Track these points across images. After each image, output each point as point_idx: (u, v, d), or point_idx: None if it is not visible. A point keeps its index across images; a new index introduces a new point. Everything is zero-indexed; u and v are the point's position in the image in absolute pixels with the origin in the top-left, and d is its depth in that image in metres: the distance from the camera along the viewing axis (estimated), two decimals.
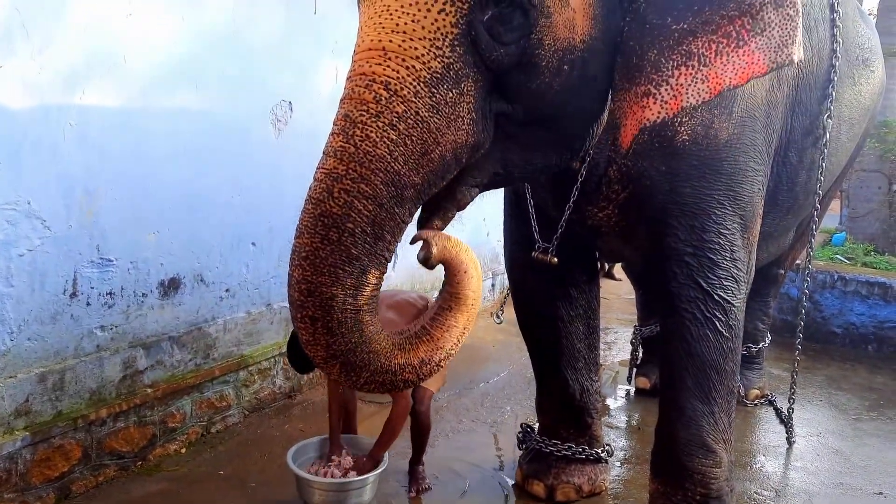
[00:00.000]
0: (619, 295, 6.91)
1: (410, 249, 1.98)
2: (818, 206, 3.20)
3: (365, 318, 1.80)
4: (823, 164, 3.00)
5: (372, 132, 1.72)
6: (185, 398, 3.50)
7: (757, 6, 1.92)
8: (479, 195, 2.09)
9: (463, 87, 1.78)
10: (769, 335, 4.61)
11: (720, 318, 2.51)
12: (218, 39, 3.41)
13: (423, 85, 1.74)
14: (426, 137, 1.76)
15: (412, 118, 1.74)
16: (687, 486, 2.62)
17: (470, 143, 1.85)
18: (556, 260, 2.74)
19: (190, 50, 3.29)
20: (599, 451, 3.23)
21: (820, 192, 3.11)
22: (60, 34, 2.78)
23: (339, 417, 3.11)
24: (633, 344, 4.59)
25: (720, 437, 2.62)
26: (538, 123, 1.99)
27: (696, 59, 1.95)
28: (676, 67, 1.96)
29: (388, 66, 1.74)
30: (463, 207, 2.04)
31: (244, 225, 3.72)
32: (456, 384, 4.37)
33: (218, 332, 3.66)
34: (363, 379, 1.86)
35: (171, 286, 3.37)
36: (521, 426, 3.40)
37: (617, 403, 4.46)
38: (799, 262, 4.89)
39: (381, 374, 1.85)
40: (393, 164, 1.74)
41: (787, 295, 5.71)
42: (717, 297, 2.50)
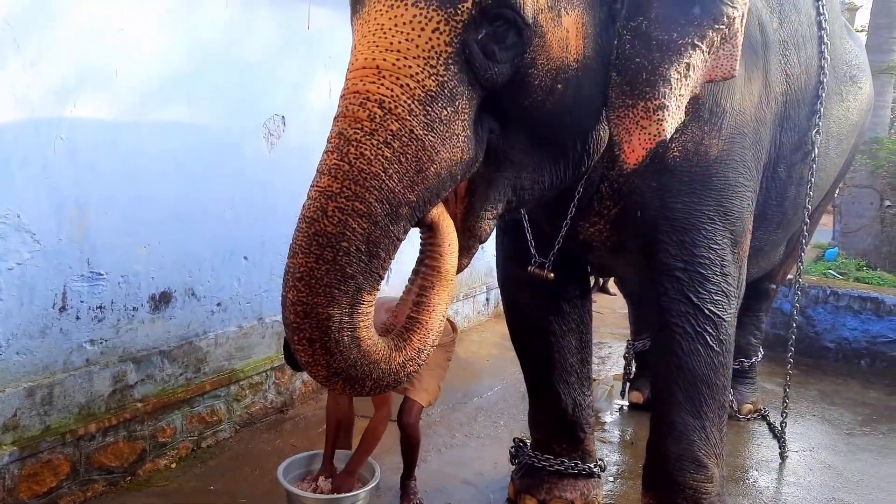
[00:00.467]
0: (612, 309, 6.91)
1: (405, 263, 1.97)
2: (807, 220, 3.22)
3: (362, 334, 1.79)
4: (812, 178, 3.03)
5: (366, 150, 1.72)
6: (175, 413, 3.48)
7: (735, 17, 2.01)
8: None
9: (458, 104, 1.79)
10: (762, 350, 4.62)
11: (711, 332, 2.52)
12: (211, 54, 3.42)
13: (417, 103, 1.74)
14: (421, 155, 1.76)
15: (407, 136, 1.73)
16: (678, 501, 2.61)
17: (465, 160, 1.85)
18: (552, 275, 2.74)
19: (182, 64, 3.30)
20: (592, 465, 3.22)
21: (809, 206, 3.13)
22: (52, 48, 2.79)
23: (335, 435, 3.09)
24: (626, 358, 4.58)
25: (711, 451, 2.62)
26: (538, 142, 2.01)
27: (692, 69, 2.00)
28: (679, 79, 2.00)
29: (382, 84, 1.74)
30: (485, 240, 2.06)
31: (236, 239, 3.71)
32: (449, 398, 4.35)
33: (209, 346, 3.64)
34: (368, 387, 1.85)
35: (162, 300, 3.36)
36: (513, 441, 3.39)
37: (610, 418, 4.45)
38: (791, 276, 4.91)
39: (384, 377, 1.85)
40: (388, 181, 1.73)
41: (779, 310, 5.71)
42: (707, 311, 2.51)
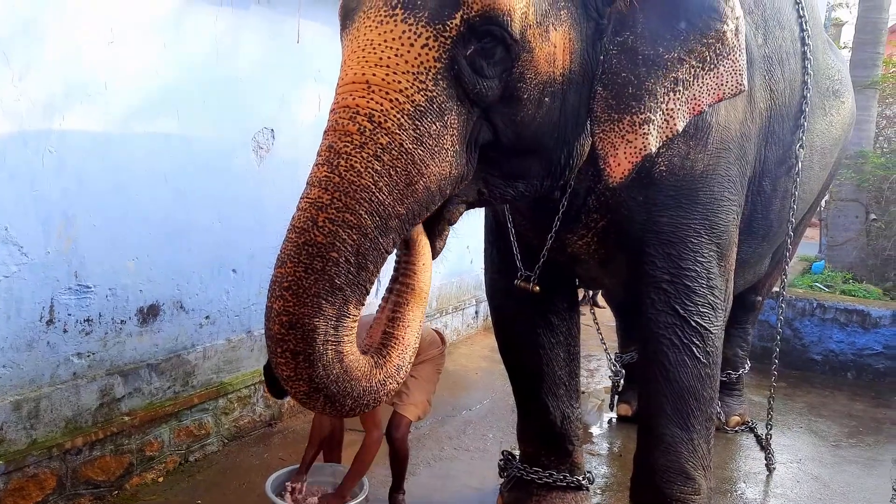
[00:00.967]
0: (601, 322, 6.91)
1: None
2: (791, 233, 3.24)
3: (345, 348, 1.78)
4: (797, 192, 3.05)
5: (356, 162, 1.73)
6: (163, 426, 3.46)
7: (727, 32, 2.02)
8: (463, 218, 2.12)
9: (446, 119, 1.81)
10: (749, 362, 4.64)
11: (697, 344, 2.53)
12: (200, 67, 3.44)
13: (406, 117, 1.75)
14: (410, 168, 1.77)
15: (396, 149, 1.75)
16: None
17: (454, 175, 1.88)
18: (538, 288, 2.75)
19: (171, 77, 3.31)
20: (580, 478, 3.22)
21: (793, 220, 3.16)
22: (40, 61, 2.80)
23: (318, 448, 3.09)
24: (613, 371, 4.58)
25: (699, 463, 2.63)
26: (520, 153, 2.03)
27: (681, 84, 2.02)
28: (667, 94, 2.02)
29: (371, 98, 1.75)
30: (454, 222, 2.06)
31: (225, 252, 3.71)
32: (438, 412, 4.35)
33: (197, 359, 3.63)
34: (348, 406, 1.84)
35: (150, 313, 3.36)
36: (502, 453, 3.39)
37: (599, 430, 4.46)
38: (777, 289, 4.94)
39: (365, 396, 1.84)
40: (377, 194, 1.74)
41: (766, 322, 5.74)
42: (693, 323, 2.52)
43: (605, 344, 4.14)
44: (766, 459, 3.89)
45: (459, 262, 5.90)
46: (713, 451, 2.73)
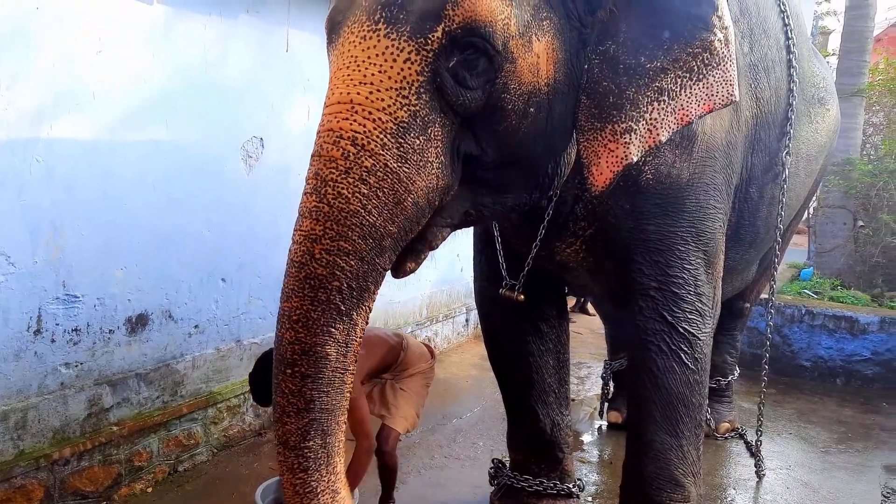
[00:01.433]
0: (591, 329, 6.93)
1: (385, 285, 1.98)
2: (779, 240, 3.26)
3: (348, 379, 1.86)
4: (783, 199, 3.07)
5: (343, 189, 1.75)
6: (151, 436, 3.44)
7: (715, 42, 2.01)
8: (451, 234, 2.13)
9: (430, 132, 1.83)
10: (737, 368, 4.65)
11: (685, 350, 2.53)
12: (189, 75, 3.44)
13: (389, 136, 1.77)
14: (397, 187, 1.79)
15: (381, 170, 1.77)
16: None
17: (441, 186, 1.89)
18: (522, 297, 2.76)
19: (160, 86, 3.31)
20: (570, 486, 3.22)
21: (781, 226, 3.18)
22: (28, 70, 2.79)
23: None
24: (603, 378, 4.60)
25: (689, 470, 2.62)
26: (507, 164, 2.04)
27: (666, 94, 2.02)
28: (650, 103, 2.02)
29: (354, 120, 1.77)
30: (435, 247, 2.07)
31: (214, 261, 3.71)
32: (428, 420, 4.34)
33: (186, 368, 3.62)
34: (319, 435, 1.87)
35: (138, 322, 3.34)
36: (492, 461, 3.39)
37: (589, 438, 4.46)
38: (765, 295, 4.96)
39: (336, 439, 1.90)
40: (368, 217, 1.77)
41: (756, 329, 5.77)
42: (681, 329, 2.52)
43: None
44: (755, 466, 3.89)
45: (449, 270, 5.90)
46: (703, 457, 2.73)
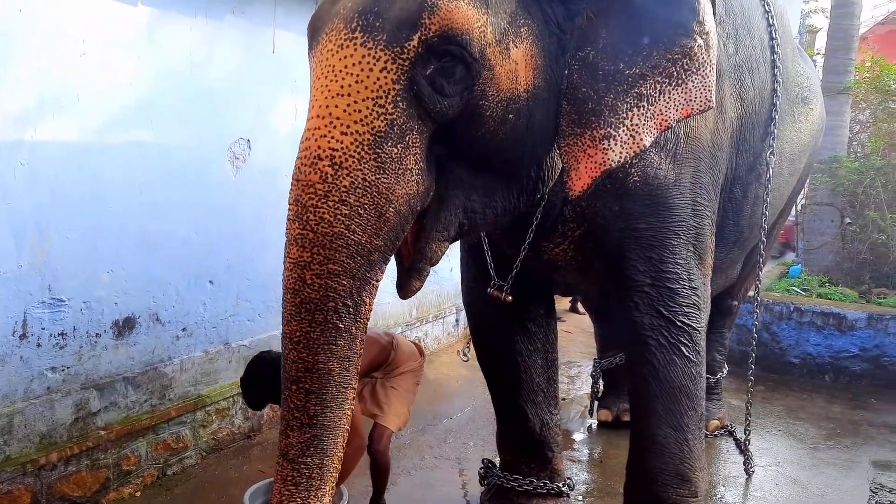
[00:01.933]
0: (581, 329, 6.94)
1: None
2: (764, 239, 3.27)
3: (350, 394, 1.92)
4: (767, 198, 3.09)
5: (325, 213, 1.78)
6: (140, 440, 3.43)
7: (695, 48, 2.00)
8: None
9: (407, 140, 1.84)
10: (726, 366, 4.67)
11: (686, 343, 2.53)
12: (175, 78, 3.42)
13: (366, 148, 1.79)
14: (377, 200, 1.82)
15: (360, 186, 1.79)
16: None
17: (421, 191, 1.91)
18: (510, 298, 2.76)
19: (146, 88, 3.29)
20: (560, 485, 3.23)
21: (765, 225, 3.19)
22: (11, 72, 2.77)
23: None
24: (593, 377, 4.61)
25: (695, 464, 2.60)
26: (491, 169, 2.05)
27: (645, 99, 2.02)
28: (630, 109, 2.01)
29: (332, 136, 1.79)
30: (435, 263, 2.11)
31: (201, 263, 3.69)
32: (419, 421, 4.34)
33: (174, 371, 3.60)
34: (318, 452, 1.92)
35: (125, 326, 3.33)
36: (482, 462, 3.39)
37: (579, 437, 4.47)
38: (752, 293, 4.98)
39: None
40: (352, 236, 1.81)
41: (744, 326, 5.77)
42: (679, 323, 2.52)
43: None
44: (744, 463, 3.91)
45: (439, 270, 5.88)
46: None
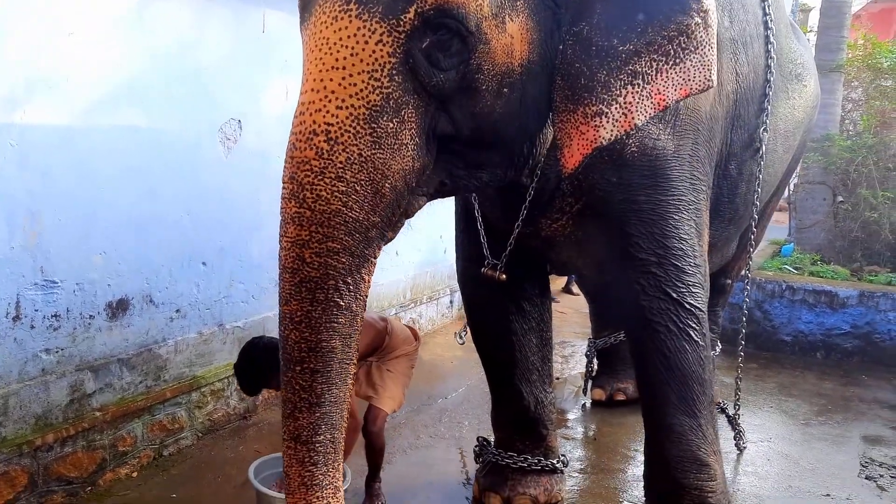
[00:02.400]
0: (575, 309, 6.97)
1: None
2: (755, 216, 3.27)
3: (351, 370, 1.93)
4: (761, 175, 3.08)
5: (322, 190, 1.77)
6: (135, 421, 3.43)
7: (692, 26, 1.97)
8: (433, 213, 2.13)
9: (403, 114, 1.82)
10: (719, 344, 4.70)
11: (694, 327, 2.51)
12: (164, 58, 3.39)
13: (361, 123, 1.77)
14: (374, 175, 1.80)
15: (356, 162, 1.78)
16: (685, 503, 2.60)
17: (417, 167, 1.89)
18: (504, 277, 2.76)
19: (135, 69, 3.26)
20: (555, 461, 3.26)
21: (758, 203, 3.19)
22: None
23: None
24: (587, 356, 4.63)
25: (710, 448, 2.61)
26: (481, 144, 2.04)
27: (640, 77, 1.99)
28: (624, 87, 1.99)
29: (327, 111, 1.77)
30: (411, 215, 2.07)
31: (194, 244, 3.68)
32: (414, 401, 4.36)
33: (169, 353, 3.60)
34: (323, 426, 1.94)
35: (119, 307, 3.32)
36: (477, 440, 3.41)
37: (574, 415, 4.49)
38: (746, 271, 4.99)
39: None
40: (350, 213, 1.79)
41: (737, 305, 5.79)
42: (688, 305, 2.50)
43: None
44: (735, 439, 3.94)
45: (433, 251, 5.90)
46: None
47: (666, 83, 2.01)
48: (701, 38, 1.99)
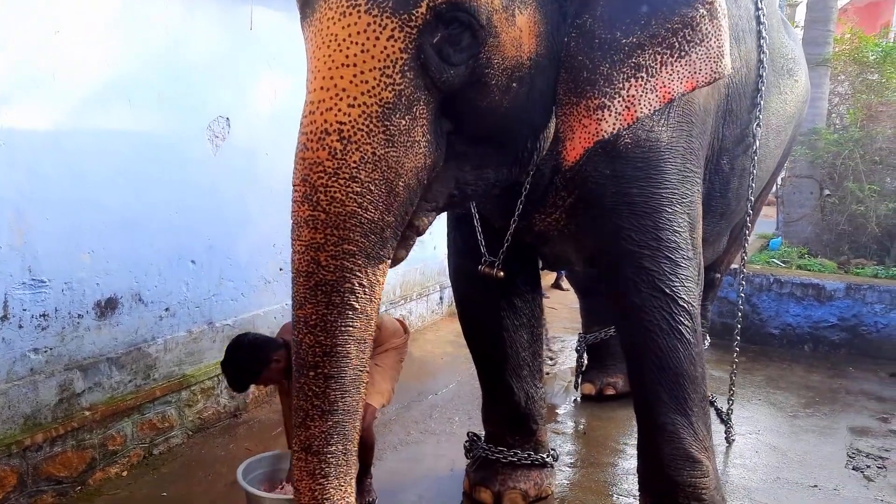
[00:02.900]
0: (565, 304, 6.99)
1: None
2: (751, 211, 3.28)
3: (364, 378, 1.89)
4: (754, 170, 3.08)
5: (336, 192, 1.73)
6: (125, 420, 3.42)
7: (697, 18, 1.96)
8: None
9: (415, 111, 1.80)
10: (708, 337, 4.72)
11: (686, 324, 2.50)
12: (152, 56, 3.37)
13: (374, 121, 1.74)
14: (387, 175, 1.78)
15: (370, 161, 1.75)
16: (680, 500, 2.62)
17: (429, 164, 1.87)
18: (502, 274, 2.75)
19: (123, 66, 3.24)
20: (544, 456, 3.27)
21: (752, 197, 3.19)
22: None
23: None
24: (578, 351, 4.64)
25: (702, 445, 2.63)
26: (489, 140, 2.03)
27: (644, 70, 1.98)
28: (627, 80, 1.99)
29: (339, 109, 1.73)
30: (422, 233, 2.06)
31: (183, 243, 3.66)
32: (404, 397, 4.37)
33: (158, 351, 3.59)
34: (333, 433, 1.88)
35: (108, 306, 3.31)
36: (467, 435, 3.42)
37: (564, 410, 4.51)
38: (735, 266, 5.01)
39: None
40: (365, 214, 1.76)
41: (725, 299, 5.85)
42: (681, 302, 2.49)
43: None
44: (725, 433, 3.96)
45: (422, 248, 5.90)
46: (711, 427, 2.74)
47: (671, 76, 2.00)
48: (707, 29, 1.97)
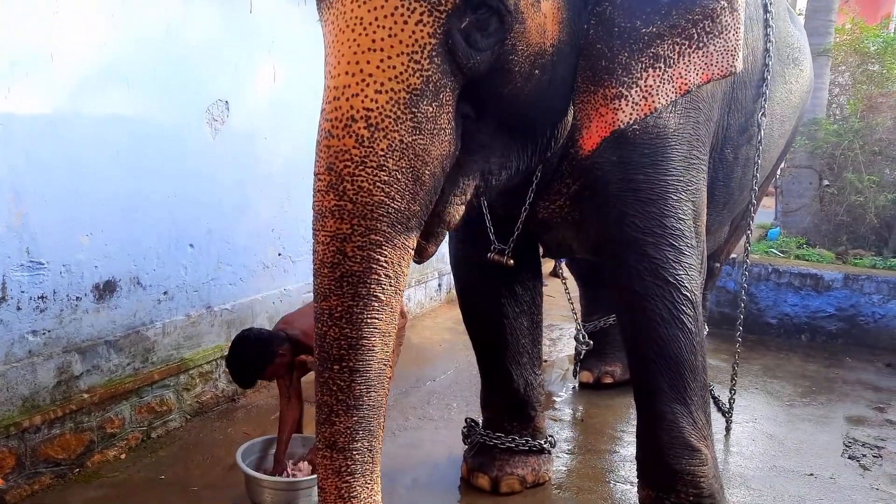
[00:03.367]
0: (564, 292, 6.98)
1: None
2: (755, 201, 3.26)
3: (389, 372, 1.85)
4: (758, 160, 3.06)
5: (363, 181, 1.70)
6: (123, 403, 3.43)
7: (718, 10, 1.95)
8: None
9: (442, 98, 1.77)
10: (706, 327, 4.72)
11: (688, 313, 2.49)
12: (151, 38, 3.35)
13: (402, 107, 1.71)
14: (415, 163, 1.75)
15: (398, 149, 1.71)
16: (679, 488, 2.62)
17: (452, 151, 1.85)
18: (512, 262, 2.73)
19: (122, 49, 3.22)
20: (542, 442, 3.28)
21: (755, 188, 3.19)
22: None
23: (293, 428, 3.11)
24: (576, 339, 4.63)
25: (701, 434, 2.63)
26: (511, 129, 2.01)
27: (662, 60, 1.97)
28: (645, 70, 1.97)
29: (365, 95, 1.69)
30: (453, 227, 2.03)
31: (181, 226, 3.65)
32: (403, 383, 4.37)
33: (157, 335, 3.59)
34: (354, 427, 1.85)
35: (106, 289, 3.30)
36: (465, 421, 3.42)
37: (562, 397, 4.52)
38: (735, 255, 5.02)
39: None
40: (392, 203, 1.73)
41: (724, 288, 5.86)
42: (684, 291, 2.47)
43: (575, 314, 4.10)
44: (726, 422, 3.96)
45: None
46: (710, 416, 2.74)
47: (688, 67, 1.98)
48: (726, 22, 1.96)
